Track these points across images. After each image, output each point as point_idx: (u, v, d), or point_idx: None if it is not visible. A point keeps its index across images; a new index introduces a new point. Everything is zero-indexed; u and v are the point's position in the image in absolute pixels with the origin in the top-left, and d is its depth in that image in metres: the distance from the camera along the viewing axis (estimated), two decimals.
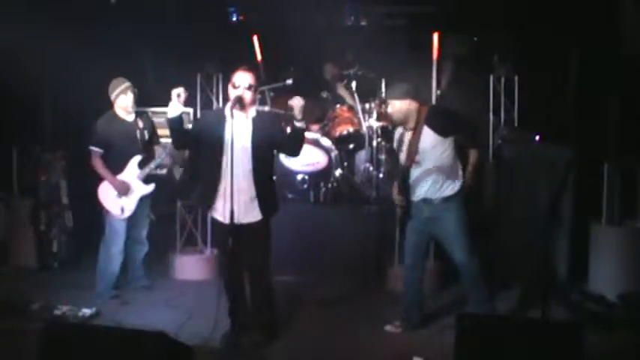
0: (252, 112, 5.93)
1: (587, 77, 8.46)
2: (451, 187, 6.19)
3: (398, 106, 6.20)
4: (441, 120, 6.17)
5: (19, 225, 8.66)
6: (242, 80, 5.82)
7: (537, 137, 8.27)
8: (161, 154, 7.41)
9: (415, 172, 6.21)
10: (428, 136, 6.12)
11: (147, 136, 7.39)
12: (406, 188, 6.27)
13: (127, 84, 7.26)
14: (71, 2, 7.73)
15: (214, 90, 9.87)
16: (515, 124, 9.10)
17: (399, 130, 6.45)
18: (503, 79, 9.22)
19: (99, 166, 7.19)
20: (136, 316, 6.78)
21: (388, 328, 6.55)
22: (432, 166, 6.13)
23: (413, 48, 9.52)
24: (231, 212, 5.58)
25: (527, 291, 7.16)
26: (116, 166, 7.24)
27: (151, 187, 7.35)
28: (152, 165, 7.32)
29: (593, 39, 8.17)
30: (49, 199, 8.60)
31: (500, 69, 9.24)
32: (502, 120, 9.20)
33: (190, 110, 8.59)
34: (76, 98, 8.28)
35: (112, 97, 7.24)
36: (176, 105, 5.77)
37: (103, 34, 8.67)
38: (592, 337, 5.15)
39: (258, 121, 5.89)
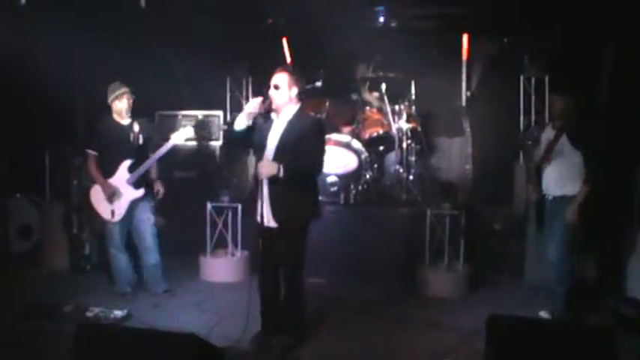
0: (287, 113, 5.87)
1: (620, 77, 8.34)
2: (571, 188, 6.40)
3: (569, 104, 6.41)
4: (580, 136, 6.36)
5: (52, 228, 8.75)
6: (272, 81, 5.82)
7: None
8: (151, 159, 7.29)
9: (546, 170, 6.54)
10: (565, 142, 6.37)
11: (141, 141, 7.32)
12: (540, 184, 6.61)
13: (123, 90, 7.25)
14: (103, 6, 7.77)
15: (244, 92, 9.95)
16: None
17: (548, 129, 6.67)
18: (533, 80, 9.16)
19: (91, 168, 7.34)
20: (167, 318, 6.82)
21: (542, 313, 6.65)
22: (560, 164, 6.42)
23: (443, 49, 9.50)
24: (261, 214, 5.77)
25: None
26: (109, 169, 7.29)
27: (141, 191, 7.28)
28: (141, 170, 7.24)
29: (627, 37, 8.05)
30: (81, 202, 8.66)
31: (530, 70, 9.19)
32: (532, 121, 9.14)
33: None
34: (108, 103, 8.33)
35: (109, 101, 7.27)
36: (244, 118, 5.79)
37: (134, 38, 8.74)
38: (627, 342, 5.09)
39: (290, 125, 5.84)
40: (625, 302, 6.98)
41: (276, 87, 5.80)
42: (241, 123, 5.80)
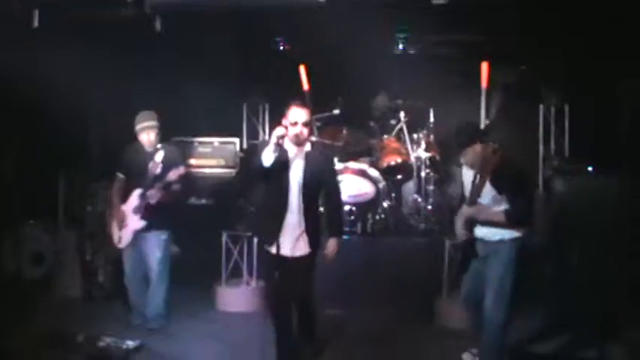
0: (306, 146, 5.96)
1: None
2: (508, 232, 5.79)
3: (472, 151, 5.81)
4: (503, 178, 5.73)
5: (65, 255, 8.67)
6: (299, 117, 5.79)
7: (590, 168, 8.06)
8: (150, 192, 6.99)
9: None
10: (488, 188, 5.76)
11: (158, 170, 7.04)
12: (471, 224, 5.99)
13: (147, 124, 7.12)
14: (118, 30, 7.74)
15: (260, 119, 9.90)
16: (567, 155, 8.93)
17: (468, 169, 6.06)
18: (553, 109, 9.06)
19: (113, 191, 7.34)
20: (181, 349, 6.74)
21: (465, 356, 6.38)
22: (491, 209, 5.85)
23: (461, 77, 9.42)
24: (277, 245, 5.75)
25: (583, 330, 6.89)
26: (125, 195, 7.24)
27: (142, 223, 7.10)
28: (145, 200, 7.06)
29: None
30: (95, 229, 8.60)
31: (550, 99, 9.08)
32: (552, 150, 9.03)
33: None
34: (121, 128, 8.28)
35: (135, 129, 7.17)
36: (271, 152, 5.65)
37: (148, 64, 8.71)
38: None
39: (310, 157, 5.92)
40: None
41: (306, 124, 5.84)
42: (269, 158, 5.68)
